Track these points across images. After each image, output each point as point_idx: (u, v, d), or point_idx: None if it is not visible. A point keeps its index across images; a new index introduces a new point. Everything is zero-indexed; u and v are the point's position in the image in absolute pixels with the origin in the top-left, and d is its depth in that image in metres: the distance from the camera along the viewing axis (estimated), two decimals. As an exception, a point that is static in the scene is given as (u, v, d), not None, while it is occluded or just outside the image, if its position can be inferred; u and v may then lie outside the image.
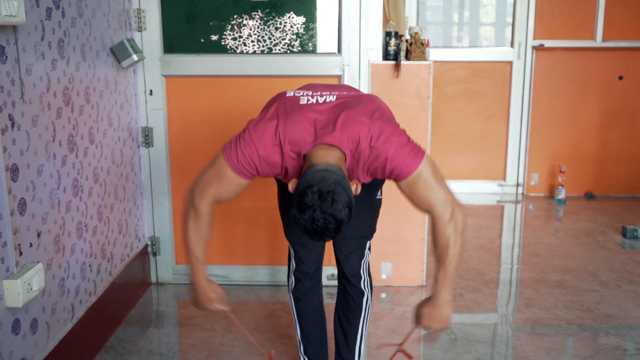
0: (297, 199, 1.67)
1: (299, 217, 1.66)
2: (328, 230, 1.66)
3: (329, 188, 1.64)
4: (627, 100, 5.09)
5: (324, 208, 1.63)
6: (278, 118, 1.82)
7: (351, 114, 1.80)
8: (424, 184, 1.81)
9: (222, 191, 1.89)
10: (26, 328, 2.03)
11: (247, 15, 3.10)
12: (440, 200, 1.82)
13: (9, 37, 1.89)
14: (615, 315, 3.00)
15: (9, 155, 1.89)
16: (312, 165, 1.72)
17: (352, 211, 1.69)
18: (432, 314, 1.91)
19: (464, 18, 5.38)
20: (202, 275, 1.96)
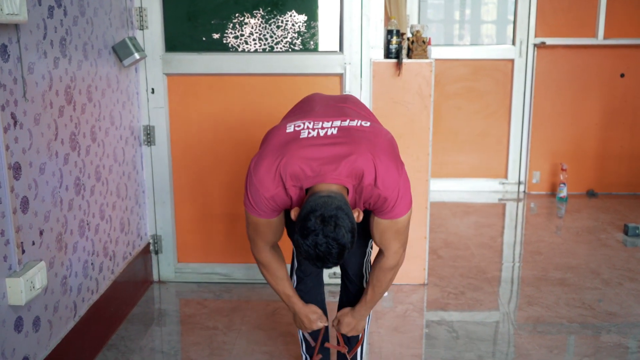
0: (299, 224, 1.68)
1: (301, 242, 1.68)
2: (331, 256, 1.67)
3: (331, 213, 1.66)
4: (629, 97, 5.09)
5: (326, 232, 1.64)
6: (277, 156, 1.82)
7: (354, 150, 1.81)
8: (394, 231, 1.96)
9: (267, 237, 2.00)
10: (29, 326, 2.03)
11: (248, 13, 3.10)
12: (397, 248, 2.00)
13: (11, 35, 1.89)
14: (617, 313, 3.00)
15: (12, 153, 1.90)
16: (315, 193, 1.74)
17: (354, 237, 1.71)
18: (351, 324, 2.18)
19: (466, 16, 5.37)
20: (298, 305, 2.14)
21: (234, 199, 3.27)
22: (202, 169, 3.26)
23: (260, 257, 2.06)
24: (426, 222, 3.26)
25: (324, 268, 1.74)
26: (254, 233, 2.00)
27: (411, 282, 3.32)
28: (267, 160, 1.83)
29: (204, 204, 3.30)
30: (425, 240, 3.28)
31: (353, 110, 2.06)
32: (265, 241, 2.01)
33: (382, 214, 1.90)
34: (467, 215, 4.64)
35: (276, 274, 2.09)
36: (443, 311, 3.04)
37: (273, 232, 2.00)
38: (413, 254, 3.29)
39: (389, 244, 1.98)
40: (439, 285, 3.33)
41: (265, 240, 2.01)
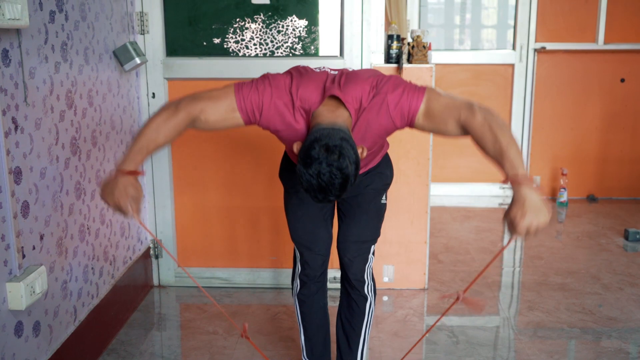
0: (302, 154, 1.65)
1: (303, 172, 1.64)
2: (333, 187, 1.63)
3: (336, 142, 1.63)
4: (629, 102, 5.09)
5: (330, 161, 1.61)
6: (292, 76, 1.85)
7: (353, 76, 1.84)
8: (437, 105, 1.76)
9: (213, 112, 1.80)
10: (29, 331, 2.03)
11: (249, 18, 3.10)
12: (462, 106, 1.74)
13: (12, 40, 1.90)
14: (617, 318, 2.99)
15: (12, 158, 1.90)
16: (319, 124, 1.73)
17: (358, 170, 1.68)
18: (525, 209, 1.58)
19: (466, 21, 5.38)
20: (135, 164, 1.75)
21: (235, 203, 3.27)
22: (203, 174, 3.26)
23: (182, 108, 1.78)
24: (426, 226, 3.25)
25: (324, 201, 1.69)
26: (209, 97, 1.81)
27: (411, 287, 3.32)
28: (284, 77, 1.85)
29: (205, 208, 3.30)
30: (426, 245, 3.27)
31: None
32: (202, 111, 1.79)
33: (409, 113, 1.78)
34: (468, 219, 4.64)
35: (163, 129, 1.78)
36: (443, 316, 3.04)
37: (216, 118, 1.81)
38: (413, 259, 3.29)
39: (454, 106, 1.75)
40: (439, 290, 3.33)
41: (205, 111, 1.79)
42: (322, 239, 2.19)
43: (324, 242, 2.20)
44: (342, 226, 2.21)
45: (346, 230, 2.18)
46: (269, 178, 3.20)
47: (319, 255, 2.21)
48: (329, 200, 1.69)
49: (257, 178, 3.23)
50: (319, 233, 2.18)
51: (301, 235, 2.18)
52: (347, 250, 2.20)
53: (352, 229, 2.16)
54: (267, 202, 3.24)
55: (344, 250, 2.20)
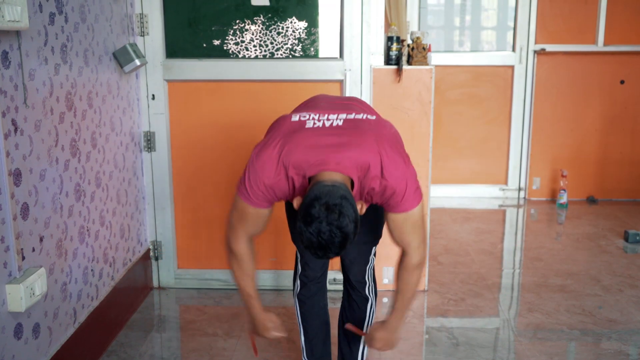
0: (303, 211, 1.66)
1: (304, 229, 1.65)
2: (333, 245, 1.64)
3: (336, 201, 1.63)
4: (629, 104, 5.09)
5: (330, 220, 1.62)
6: (281, 143, 1.81)
7: (359, 141, 1.80)
8: (411, 225, 1.91)
9: (250, 227, 1.95)
10: (28, 333, 2.03)
11: (249, 20, 3.10)
12: (417, 242, 1.95)
13: (12, 42, 1.90)
14: (617, 320, 2.99)
15: (12, 160, 1.90)
16: (318, 182, 1.72)
17: (357, 228, 1.69)
18: (385, 338, 2.08)
19: (466, 22, 5.38)
20: (257, 308, 2.08)
21: (234, 205, 3.26)
22: (203, 175, 3.26)
23: (235, 246, 1.98)
24: (426, 228, 3.25)
25: (324, 258, 1.70)
26: (238, 220, 1.94)
27: (411, 289, 3.31)
28: (270, 148, 1.82)
29: (204, 210, 3.30)
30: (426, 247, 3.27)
31: (358, 107, 2.06)
32: (246, 231, 1.96)
33: (394, 207, 1.86)
34: (468, 221, 4.64)
35: (245, 270, 2.03)
36: (443, 317, 3.04)
37: (257, 224, 1.94)
38: (413, 261, 3.29)
39: (409, 239, 1.94)
40: (439, 292, 3.33)
41: (247, 230, 1.95)
42: None
43: None
44: None
45: None
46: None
47: None
48: (328, 257, 1.70)
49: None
50: None
51: None
52: (348, 252, 2.18)
53: None
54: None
55: (345, 252, 2.20)
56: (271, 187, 1.83)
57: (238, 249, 1.99)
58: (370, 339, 2.09)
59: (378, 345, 2.08)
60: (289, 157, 1.78)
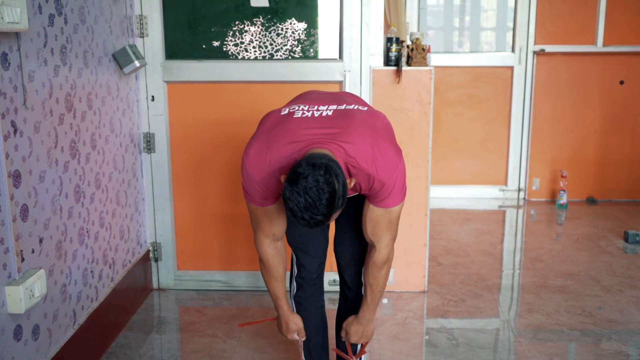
0: (289, 174, 1.62)
1: (289, 190, 1.59)
2: (320, 203, 1.58)
3: (322, 162, 1.61)
4: (629, 104, 5.09)
5: (316, 176, 1.58)
6: (266, 138, 1.82)
7: (350, 133, 1.78)
8: (387, 221, 1.93)
9: (267, 227, 1.98)
10: (28, 334, 2.03)
11: (248, 21, 3.11)
12: (388, 240, 1.98)
13: (11, 43, 1.90)
14: (617, 321, 2.99)
15: (12, 161, 1.90)
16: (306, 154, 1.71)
17: (345, 191, 1.65)
18: (359, 331, 2.15)
19: (465, 23, 5.39)
20: (283, 308, 2.15)
21: (234, 206, 3.26)
22: (202, 176, 3.26)
23: (260, 251, 2.05)
24: (426, 229, 3.25)
25: (312, 223, 1.63)
26: (255, 224, 2.00)
27: (411, 290, 3.32)
28: (257, 144, 1.83)
29: (204, 211, 3.30)
30: (425, 247, 3.27)
31: (350, 99, 2.05)
32: (264, 233, 2.00)
33: (378, 200, 1.88)
34: (467, 222, 4.64)
35: (272, 273, 2.09)
36: (443, 318, 3.04)
37: (272, 222, 1.96)
38: (413, 261, 3.29)
39: (381, 235, 1.97)
40: (439, 293, 3.33)
41: (265, 232, 1.99)
42: (318, 242, 2.19)
43: (320, 245, 2.20)
44: (338, 229, 2.21)
45: (342, 233, 2.18)
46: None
47: (315, 258, 2.21)
48: (316, 222, 1.62)
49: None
50: (315, 237, 2.18)
51: (297, 239, 2.18)
52: (343, 254, 2.20)
53: (348, 232, 2.16)
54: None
55: (340, 253, 2.21)
56: (263, 182, 1.82)
57: (262, 253, 2.05)
58: (347, 334, 2.18)
59: (354, 338, 2.16)
60: (275, 149, 1.78)
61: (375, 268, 2.03)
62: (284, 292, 2.13)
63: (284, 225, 2.02)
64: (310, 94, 2.11)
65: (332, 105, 1.89)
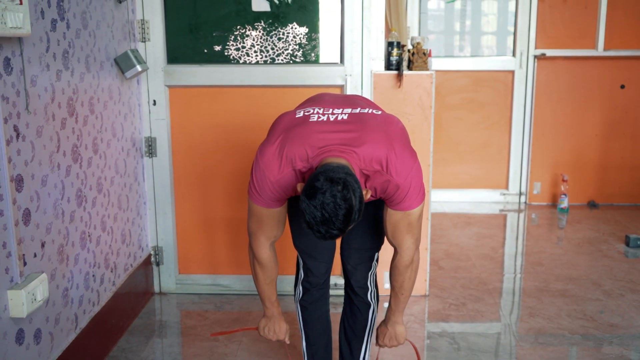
0: (306, 186, 1.64)
1: (307, 203, 1.62)
2: (337, 218, 1.61)
3: (340, 175, 1.63)
4: (629, 108, 5.10)
5: (334, 192, 1.60)
6: (282, 138, 1.82)
7: (367, 137, 1.79)
8: (407, 224, 1.93)
9: (269, 229, 1.98)
10: (30, 338, 2.03)
11: (250, 25, 3.11)
12: (410, 243, 1.98)
13: (14, 48, 1.91)
14: (618, 325, 2.99)
15: (14, 165, 1.90)
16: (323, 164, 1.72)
17: (362, 205, 1.67)
18: (390, 334, 2.17)
19: (466, 27, 5.40)
20: (276, 311, 2.17)
21: (236, 210, 3.27)
22: (204, 181, 3.26)
23: (259, 253, 2.03)
24: (427, 233, 3.25)
25: (327, 236, 1.66)
26: (257, 225, 1.98)
27: (412, 293, 3.30)
28: (272, 144, 1.84)
29: (205, 215, 3.30)
30: (427, 252, 3.27)
31: (362, 102, 2.05)
32: (266, 235, 1.99)
33: (395, 204, 1.87)
34: (468, 226, 4.64)
35: (268, 275, 2.09)
36: (444, 322, 3.04)
37: (276, 224, 1.97)
38: (414, 265, 3.29)
39: (402, 238, 1.96)
40: (440, 297, 3.33)
41: (267, 234, 1.99)
42: (325, 247, 2.19)
43: (327, 250, 2.20)
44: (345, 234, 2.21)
45: (349, 237, 2.18)
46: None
47: (322, 263, 2.21)
48: (331, 236, 1.65)
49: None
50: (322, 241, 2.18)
51: (304, 243, 2.18)
52: (350, 258, 2.20)
53: (355, 237, 2.15)
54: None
55: (347, 257, 2.20)
56: (278, 183, 1.83)
57: (262, 256, 2.04)
58: (378, 337, 2.21)
59: (386, 341, 2.19)
60: (292, 150, 1.79)
61: (397, 271, 2.04)
62: (276, 294, 2.16)
63: (284, 227, 2.03)
64: (323, 97, 2.09)
65: (347, 109, 1.89)
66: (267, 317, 2.19)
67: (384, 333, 2.18)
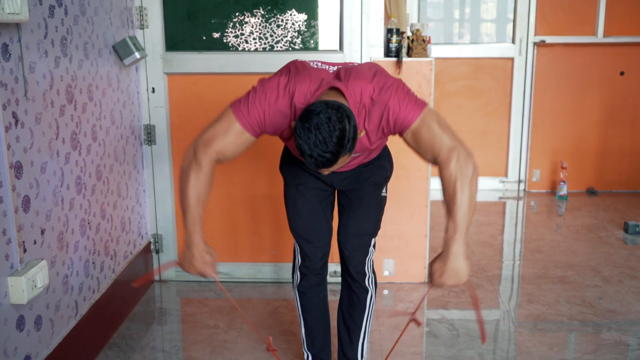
0: (302, 113, 1.66)
1: (300, 126, 1.63)
2: (330, 141, 1.61)
3: (335, 103, 1.66)
4: (629, 95, 5.09)
5: (329, 113, 1.62)
6: (289, 74, 1.87)
7: (355, 71, 1.85)
8: (427, 131, 1.77)
9: (227, 146, 1.85)
10: (30, 325, 2.04)
11: (248, 12, 3.10)
12: (446, 146, 1.75)
13: (12, 34, 1.90)
14: (617, 311, 3.00)
15: (13, 152, 1.90)
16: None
17: (355, 135, 1.67)
18: (444, 269, 1.78)
19: (465, 14, 5.38)
20: (199, 234, 1.86)
21: (235, 197, 3.27)
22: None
23: (202, 159, 1.82)
24: (427, 220, 3.26)
25: (321, 163, 1.64)
26: (218, 134, 1.84)
27: (412, 281, 3.33)
28: (279, 78, 1.87)
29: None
30: (426, 239, 3.28)
31: None
32: (220, 150, 1.84)
33: (405, 125, 1.80)
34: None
35: (201, 188, 1.84)
36: (444, 309, 3.05)
37: (235, 146, 1.85)
38: (413, 252, 3.30)
39: (432, 147, 1.77)
40: (439, 284, 3.33)
41: (222, 148, 1.84)
42: (322, 232, 2.19)
43: (323, 235, 2.21)
44: (342, 219, 2.21)
45: (346, 222, 2.19)
46: (269, 172, 3.21)
47: (318, 248, 2.21)
48: (324, 162, 1.63)
49: (257, 172, 3.23)
50: (319, 226, 2.18)
51: (301, 228, 2.18)
52: (347, 243, 2.20)
53: (352, 222, 2.16)
54: (267, 196, 3.25)
55: (344, 242, 2.21)
56: (275, 107, 1.83)
57: (203, 163, 1.83)
58: (431, 274, 1.83)
59: (439, 279, 1.79)
60: (296, 84, 1.83)
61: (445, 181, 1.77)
62: (203, 214, 1.87)
63: (234, 156, 1.89)
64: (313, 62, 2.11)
65: (340, 65, 1.96)
66: (188, 246, 1.88)
67: (440, 270, 1.79)
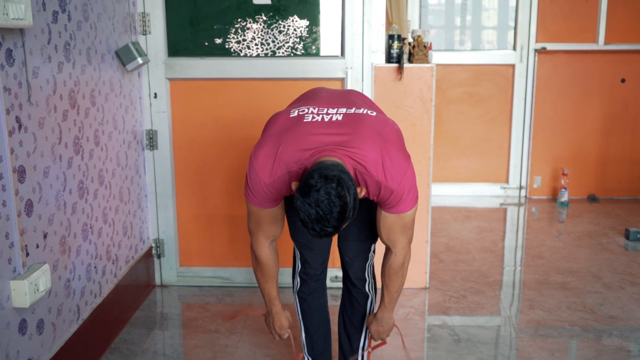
0: (301, 184, 1.64)
1: (301, 201, 1.62)
2: (332, 216, 1.61)
3: (334, 174, 1.63)
4: (630, 103, 5.10)
5: (328, 189, 1.60)
6: (276, 141, 1.82)
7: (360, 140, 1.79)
8: (401, 226, 1.95)
9: (268, 228, 1.99)
10: (32, 328, 2.04)
11: (250, 18, 3.12)
12: (404, 243, 2.01)
13: (16, 40, 1.91)
14: (618, 317, 3.00)
15: (16, 157, 1.91)
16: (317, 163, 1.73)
17: (356, 204, 1.68)
18: (379, 330, 2.20)
19: (467, 21, 5.39)
20: (278, 307, 2.19)
21: (236, 203, 3.28)
22: (205, 173, 3.27)
23: (259, 252, 2.06)
24: (427, 226, 3.26)
25: (322, 234, 1.66)
26: (255, 225, 2.00)
27: (413, 286, 3.33)
28: (267, 147, 1.83)
29: (206, 208, 3.31)
30: (427, 244, 3.28)
31: (359, 100, 2.05)
32: (265, 235, 2.01)
33: (389, 207, 1.89)
34: (469, 219, 4.65)
35: (269, 274, 2.11)
36: (445, 315, 3.05)
37: (274, 224, 1.99)
38: (414, 258, 3.29)
39: (396, 239, 1.99)
40: (440, 289, 3.34)
41: (266, 233, 2.01)
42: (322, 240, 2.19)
43: (324, 242, 2.21)
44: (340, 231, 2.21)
45: (346, 229, 2.19)
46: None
47: (318, 254, 2.22)
48: (326, 233, 1.66)
49: (258, 178, 3.24)
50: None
51: (301, 235, 2.19)
52: (347, 250, 2.21)
53: (353, 228, 2.16)
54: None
55: (344, 249, 2.21)
56: (271, 186, 1.84)
57: (261, 255, 2.06)
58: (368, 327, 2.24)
59: (376, 336, 2.22)
60: (286, 153, 1.78)
61: (392, 271, 2.07)
62: (277, 290, 2.18)
63: (282, 225, 2.05)
64: (318, 94, 2.08)
65: (342, 109, 1.89)
66: (272, 314, 2.21)
67: (375, 330, 2.21)
